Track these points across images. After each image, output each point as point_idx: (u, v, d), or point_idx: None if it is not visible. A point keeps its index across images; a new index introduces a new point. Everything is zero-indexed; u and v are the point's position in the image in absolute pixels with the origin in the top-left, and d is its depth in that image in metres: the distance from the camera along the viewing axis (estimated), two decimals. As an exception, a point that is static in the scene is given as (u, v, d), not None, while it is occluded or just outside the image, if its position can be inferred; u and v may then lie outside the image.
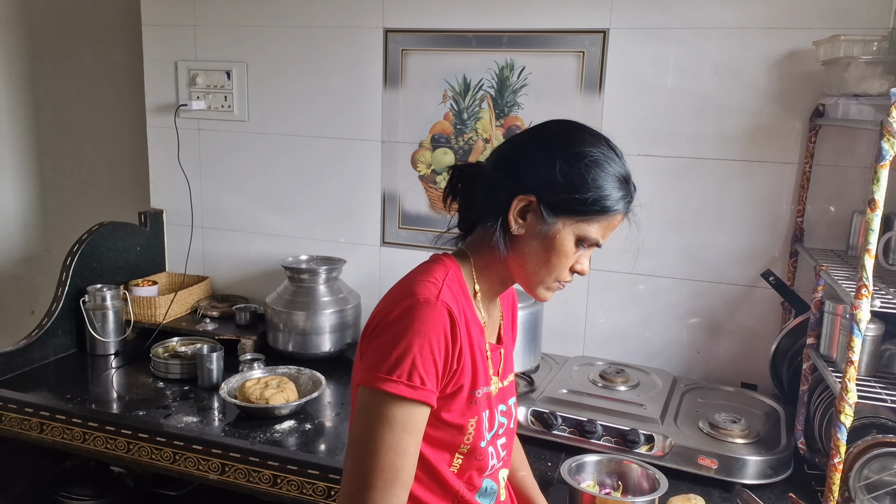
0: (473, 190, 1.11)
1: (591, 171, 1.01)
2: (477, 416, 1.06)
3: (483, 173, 1.10)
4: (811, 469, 1.62)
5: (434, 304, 0.98)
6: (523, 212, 1.04)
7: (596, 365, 1.98)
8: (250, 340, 2.19)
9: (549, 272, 1.06)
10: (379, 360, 0.97)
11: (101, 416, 1.77)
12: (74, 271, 2.19)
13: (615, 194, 1.02)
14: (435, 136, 2.20)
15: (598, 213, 1.02)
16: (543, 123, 1.11)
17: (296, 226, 2.42)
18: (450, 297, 1.01)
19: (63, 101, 2.88)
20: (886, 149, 1.15)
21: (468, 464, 1.08)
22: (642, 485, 1.45)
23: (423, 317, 0.97)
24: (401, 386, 0.95)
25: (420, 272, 1.06)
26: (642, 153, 2.00)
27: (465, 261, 1.11)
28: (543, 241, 1.04)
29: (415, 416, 0.98)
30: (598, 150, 1.03)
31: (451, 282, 1.04)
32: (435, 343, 0.97)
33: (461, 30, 2.11)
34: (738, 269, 1.97)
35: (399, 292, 1.03)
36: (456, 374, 1.02)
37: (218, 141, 2.46)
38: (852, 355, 1.23)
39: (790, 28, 1.82)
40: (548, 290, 1.09)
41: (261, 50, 2.35)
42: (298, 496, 1.58)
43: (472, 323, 1.07)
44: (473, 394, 1.05)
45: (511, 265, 1.08)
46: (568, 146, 1.03)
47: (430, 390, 0.98)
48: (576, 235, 1.03)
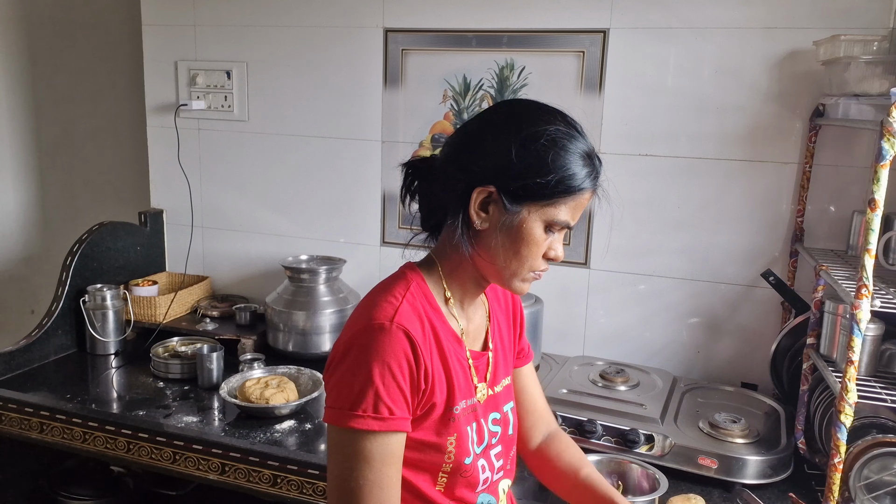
0: (430, 187, 1.04)
1: (549, 151, 0.93)
2: (457, 433, 1.00)
3: (436, 167, 1.03)
4: (811, 469, 1.62)
5: (389, 329, 0.93)
6: (484, 204, 0.97)
7: (596, 365, 1.98)
8: (250, 340, 2.19)
9: (521, 263, 0.98)
10: (341, 395, 0.93)
11: (101, 415, 1.77)
12: (74, 271, 2.19)
13: (580, 172, 0.95)
14: (435, 135, 2.20)
15: (563, 194, 0.95)
16: (493, 106, 1.05)
17: (296, 226, 2.42)
18: (409, 315, 0.96)
19: (63, 101, 2.88)
20: (886, 149, 1.15)
21: (454, 482, 1.02)
22: (642, 485, 1.45)
23: (378, 344, 0.92)
24: (368, 420, 0.91)
25: (380, 291, 1.00)
26: (642, 153, 2.00)
27: (432, 268, 1.05)
28: (510, 233, 0.96)
29: (391, 447, 0.93)
30: (555, 126, 0.95)
31: (413, 296, 0.99)
32: (396, 368, 0.92)
33: (461, 30, 2.11)
34: (738, 268, 1.97)
35: (356, 317, 0.98)
36: (426, 395, 0.97)
37: (218, 141, 2.46)
38: (852, 355, 1.23)
39: (790, 28, 1.82)
40: (524, 283, 1.01)
41: (261, 50, 2.35)
42: (298, 496, 1.58)
43: (445, 335, 1.01)
44: (451, 410, 1.00)
45: (479, 263, 1.01)
46: (521, 127, 0.95)
47: (400, 418, 0.93)
48: (543, 221, 0.96)
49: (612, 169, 2.00)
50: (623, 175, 2.01)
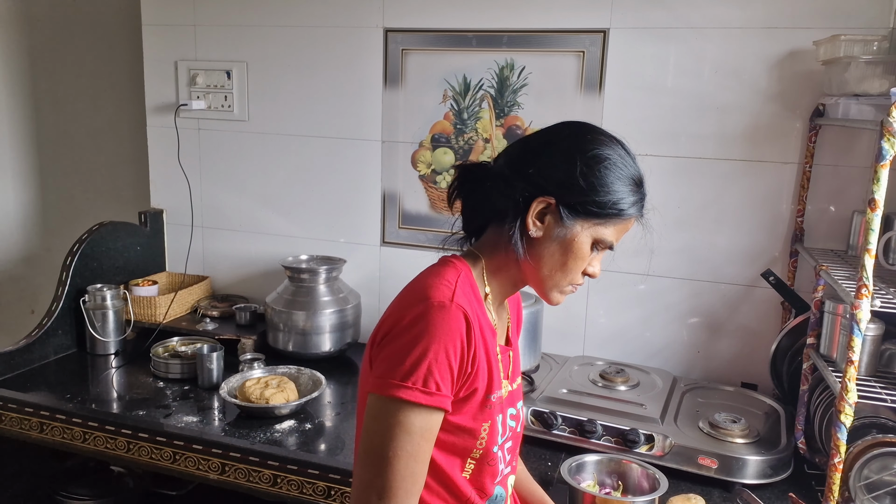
0: (484, 191, 1.08)
1: (609, 173, 1.01)
2: (490, 421, 1.04)
3: (494, 174, 1.07)
4: (811, 469, 1.63)
5: (449, 308, 0.96)
6: (541, 214, 1.03)
7: (596, 365, 1.98)
8: (250, 340, 2.19)
9: (564, 275, 1.05)
10: (392, 366, 0.95)
11: (101, 415, 1.77)
12: (74, 271, 2.19)
13: (630, 198, 1.03)
14: (435, 135, 2.20)
15: (614, 216, 1.02)
16: (558, 125, 1.10)
17: (296, 226, 2.42)
18: (464, 299, 0.99)
19: (63, 101, 2.88)
20: (886, 148, 1.15)
21: (480, 469, 1.07)
22: (642, 484, 1.45)
23: (438, 321, 0.95)
24: (416, 392, 0.94)
25: (431, 274, 1.04)
26: (642, 153, 1.97)
27: (475, 262, 1.09)
28: (562, 244, 1.03)
29: (431, 423, 0.97)
30: (616, 152, 1.03)
31: (463, 284, 1.02)
32: (451, 347, 0.95)
33: (461, 29, 2.11)
34: (738, 268, 1.97)
35: (410, 296, 1.01)
36: (470, 378, 1.00)
37: (218, 141, 2.46)
38: (852, 355, 1.23)
39: (790, 28, 1.82)
40: (561, 294, 1.09)
41: (261, 50, 2.35)
42: (298, 496, 1.58)
43: (485, 325, 1.05)
44: (488, 398, 1.04)
45: (526, 268, 1.07)
46: (586, 148, 1.02)
47: (445, 395, 0.96)
48: (592, 238, 1.03)
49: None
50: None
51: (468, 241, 1.15)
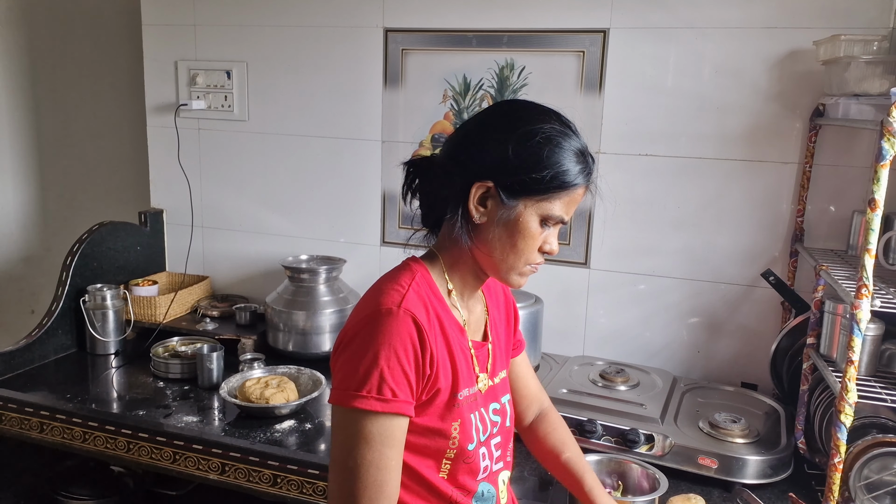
0: (430, 184, 1.08)
1: (544, 148, 0.98)
2: (461, 419, 1.04)
3: (437, 165, 1.07)
4: (811, 469, 1.63)
5: (396, 314, 0.96)
6: (483, 199, 1.01)
7: (596, 365, 1.98)
8: (250, 340, 2.19)
9: (517, 256, 1.03)
10: (346, 376, 0.96)
11: (101, 415, 1.77)
12: (74, 271, 2.19)
13: (573, 168, 1.00)
14: (435, 135, 2.20)
15: (557, 189, 1.00)
16: (490, 106, 1.10)
17: (296, 226, 2.42)
18: (416, 302, 0.99)
19: (63, 101, 2.88)
20: (886, 148, 1.15)
21: (457, 468, 1.06)
22: (642, 484, 1.45)
23: (385, 328, 0.95)
24: (371, 401, 0.94)
25: (386, 280, 1.05)
26: (642, 153, 2.00)
27: (434, 261, 1.09)
28: (507, 226, 1.01)
29: (392, 429, 0.96)
30: (549, 125, 1.00)
31: (418, 285, 1.02)
32: (402, 352, 0.95)
33: (461, 29, 2.11)
34: (738, 268, 1.97)
35: (363, 304, 1.02)
36: (430, 380, 1.00)
37: (218, 141, 2.46)
38: (852, 355, 1.23)
39: (790, 28, 1.82)
40: (521, 276, 1.06)
41: (261, 50, 2.35)
42: (298, 496, 1.58)
43: (449, 324, 1.05)
44: (455, 397, 1.03)
45: (478, 256, 1.05)
46: (517, 125, 1.00)
47: (403, 401, 0.96)
48: (539, 215, 1.01)
49: (612, 169, 2.02)
50: (623, 175, 2.01)
51: (434, 236, 1.13)
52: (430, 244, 1.13)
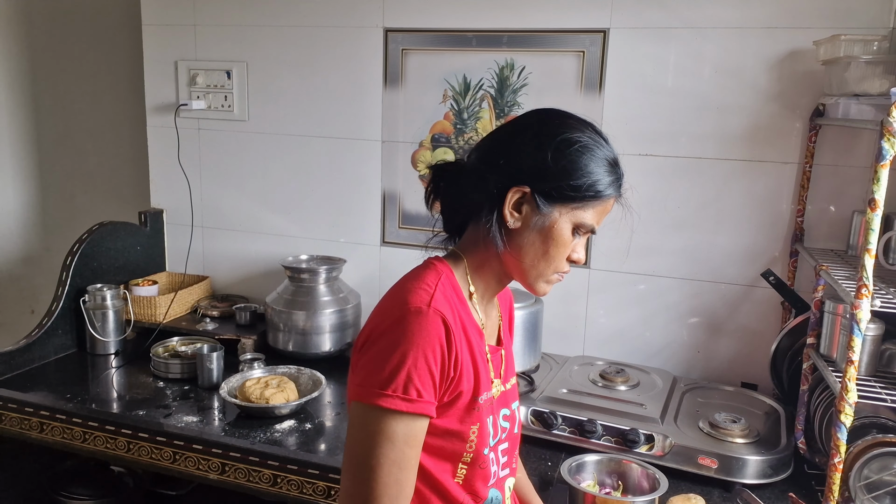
0: (459, 188, 1.07)
1: (581, 156, 1.00)
2: (479, 423, 1.03)
3: (468, 170, 1.07)
4: (811, 469, 1.63)
5: (426, 313, 0.95)
6: (518, 204, 1.02)
7: (596, 365, 1.98)
8: (250, 340, 2.19)
9: (548, 264, 1.03)
10: (372, 374, 0.95)
11: (101, 415, 1.77)
12: (74, 271, 2.19)
13: (606, 178, 1.01)
14: (435, 135, 2.20)
15: (592, 198, 1.01)
16: (526, 113, 1.10)
17: (296, 226, 2.42)
18: (443, 302, 0.98)
19: (63, 101, 2.88)
20: (886, 148, 1.15)
21: (472, 473, 1.05)
22: (642, 484, 1.45)
23: (415, 327, 0.95)
24: (396, 400, 0.93)
25: (411, 279, 1.03)
26: (642, 153, 2.00)
27: (458, 262, 1.08)
28: (541, 232, 1.02)
29: (415, 429, 0.96)
30: (586, 135, 1.02)
31: (444, 286, 1.02)
32: (430, 353, 0.94)
33: (461, 29, 2.11)
34: (738, 268, 1.97)
35: (389, 302, 1.01)
36: (454, 382, 0.99)
37: (218, 141, 2.46)
38: (852, 355, 1.23)
39: (790, 28, 1.82)
40: (547, 284, 1.06)
41: (261, 50, 2.35)
42: (299, 496, 1.58)
43: (470, 327, 1.04)
44: (476, 400, 1.03)
45: (508, 260, 1.05)
46: (556, 133, 1.01)
47: (427, 402, 0.95)
48: (572, 223, 1.02)
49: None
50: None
51: (452, 241, 1.13)
52: (449, 247, 1.13)
